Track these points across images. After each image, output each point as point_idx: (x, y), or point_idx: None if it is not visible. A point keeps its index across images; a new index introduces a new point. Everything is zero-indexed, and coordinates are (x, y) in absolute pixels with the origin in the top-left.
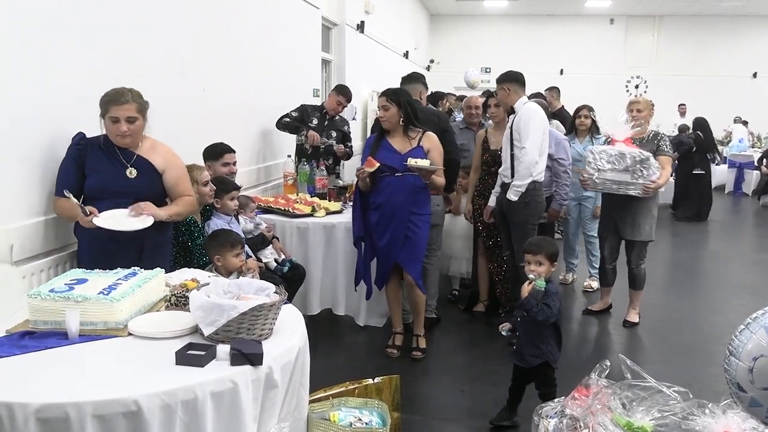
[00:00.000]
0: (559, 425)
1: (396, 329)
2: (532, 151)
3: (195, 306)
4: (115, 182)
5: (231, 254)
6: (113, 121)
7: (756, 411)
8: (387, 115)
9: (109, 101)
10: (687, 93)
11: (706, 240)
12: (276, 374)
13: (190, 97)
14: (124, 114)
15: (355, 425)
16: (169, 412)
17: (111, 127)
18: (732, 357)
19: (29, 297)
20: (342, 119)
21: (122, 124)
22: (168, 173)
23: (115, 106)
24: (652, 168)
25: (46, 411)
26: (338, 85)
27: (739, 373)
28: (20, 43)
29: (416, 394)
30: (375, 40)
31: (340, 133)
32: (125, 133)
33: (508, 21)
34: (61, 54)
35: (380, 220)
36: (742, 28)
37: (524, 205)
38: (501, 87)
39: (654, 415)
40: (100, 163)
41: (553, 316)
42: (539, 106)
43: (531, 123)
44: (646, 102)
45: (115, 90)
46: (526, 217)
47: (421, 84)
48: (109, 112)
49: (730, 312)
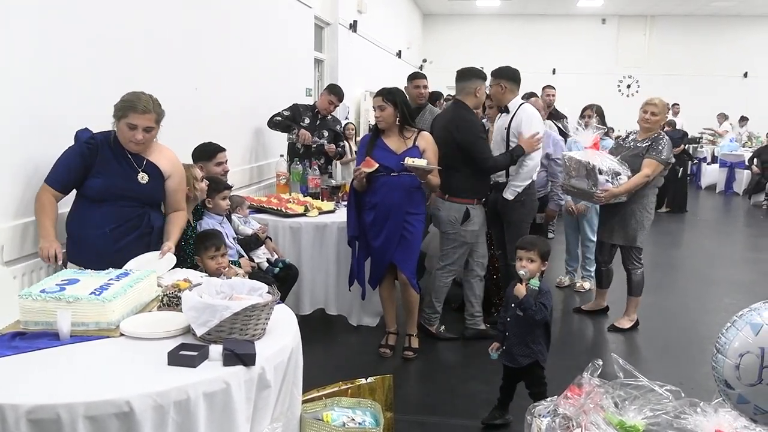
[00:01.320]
0: (552, 424)
1: (389, 329)
2: (537, 155)
3: (187, 306)
4: (126, 186)
5: (206, 256)
6: (130, 127)
7: (744, 408)
8: (383, 115)
9: (129, 107)
10: (679, 92)
11: (697, 239)
12: (269, 374)
13: (183, 96)
14: (144, 123)
15: (348, 425)
16: (162, 412)
17: (127, 132)
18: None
19: (20, 297)
20: (334, 119)
21: (139, 133)
22: (172, 179)
23: (136, 114)
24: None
25: (37, 412)
26: (330, 84)
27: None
28: (11, 44)
29: (409, 394)
30: (368, 40)
31: (332, 132)
32: (140, 142)
33: (500, 20)
34: (53, 55)
35: (376, 220)
36: (734, 28)
37: (520, 204)
38: (497, 83)
39: (646, 414)
40: (109, 164)
41: (548, 315)
42: (533, 108)
43: (533, 127)
44: (663, 105)
45: (137, 96)
46: (522, 216)
47: (479, 80)
48: (128, 118)
49: (722, 311)
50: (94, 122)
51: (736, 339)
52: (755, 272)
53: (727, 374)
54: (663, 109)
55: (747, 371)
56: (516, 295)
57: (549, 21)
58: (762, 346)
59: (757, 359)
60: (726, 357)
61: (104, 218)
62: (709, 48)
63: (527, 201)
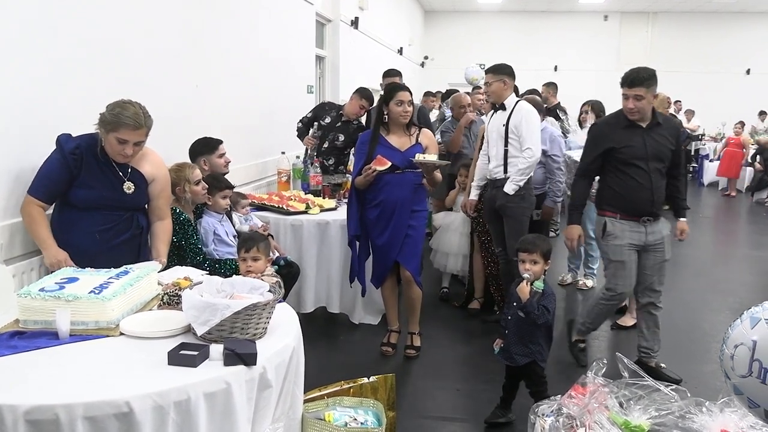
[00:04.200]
0: (556, 424)
1: (391, 327)
2: (537, 151)
3: (188, 305)
4: (112, 197)
5: (239, 257)
6: (120, 142)
7: (741, 399)
8: (411, 111)
9: (121, 123)
10: (681, 90)
11: (700, 237)
12: (270, 374)
13: (183, 93)
14: (135, 138)
15: (351, 425)
16: (162, 413)
17: (116, 146)
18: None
19: (19, 296)
20: (360, 126)
21: (129, 147)
22: (155, 183)
23: (128, 130)
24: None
25: (35, 413)
26: (360, 87)
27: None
28: (2, 42)
29: (411, 393)
30: (369, 37)
31: (350, 139)
32: (128, 156)
33: (502, 17)
34: (49, 51)
35: (380, 217)
36: (736, 25)
37: (520, 198)
38: (500, 79)
39: (651, 414)
40: (95, 176)
41: (551, 318)
42: (530, 105)
43: (532, 123)
44: (661, 100)
45: (126, 108)
46: (523, 209)
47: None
48: (118, 132)
49: (726, 309)
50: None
51: (735, 330)
52: (759, 270)
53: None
54: (661, 103)
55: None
56: (519, 295)
57: (551, 18)
58: (755, 338)
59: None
60: (726, 348)
61: (92, 223)
62: (712, 45)
63: (526, 195)
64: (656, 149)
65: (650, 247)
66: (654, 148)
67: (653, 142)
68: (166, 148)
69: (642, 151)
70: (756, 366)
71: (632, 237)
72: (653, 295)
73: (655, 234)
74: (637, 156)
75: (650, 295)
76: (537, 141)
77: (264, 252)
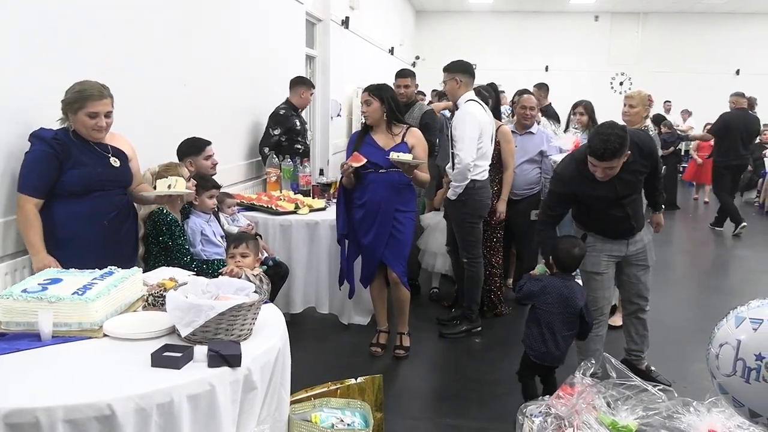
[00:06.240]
0: (544, 424)
1: (380, 327)
2: (466, 158)
3: (172, 306)
4: (104, 171)
5: (228, 253)
6: (91, 116)
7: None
8: (369, 110)
9: (87, 97)
10: (671, 90)
11: (689, 236)
12: (255, 376)
13: (171, 92)
14: (104, 109)
15: (337, 426)
16: (144, 415)
17: (88, 122)
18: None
19: (1, 298)
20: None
21: (101, 119)
22: (134, 161)
23: (95, 102)
24: None
25: (15, 416)
26: (300, 77)
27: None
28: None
29: (399, 394)
30: (360, 36)
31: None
32: (104, 128)
33: (493, 17)
34: (32, 47)
35: (365, 217)
36: (725, 26)
37: (461, 204)
38: (452, 77)
39: (639, 414)
40: (81, 155)
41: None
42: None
43: (464, 128)
44: (641, 98)
45: (88, 84)
46: (463, 215)
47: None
48: (86, 107)
49: (713, 308)
50: None
51: (720, 329)
52: (747, 270)
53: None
54: (641, 101)
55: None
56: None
57: (542, 18)
58: (739, 338)
59: (733, 350)
60: (711, 347)
61: (96, 210)
62: (702, 45)
63: (469, 201)
64: (630, 185)
65: (632, 258)
66: (627, 187)
67: (624, 183)
68: (153, 149)
69: (613, 194)
70: (740, 365)
71: (612, 249)
72: (641, 302)
73: (636, 244)
74: (609, 200)
75: (638, 302)
76: (467, 146)
77: (253, 250)
